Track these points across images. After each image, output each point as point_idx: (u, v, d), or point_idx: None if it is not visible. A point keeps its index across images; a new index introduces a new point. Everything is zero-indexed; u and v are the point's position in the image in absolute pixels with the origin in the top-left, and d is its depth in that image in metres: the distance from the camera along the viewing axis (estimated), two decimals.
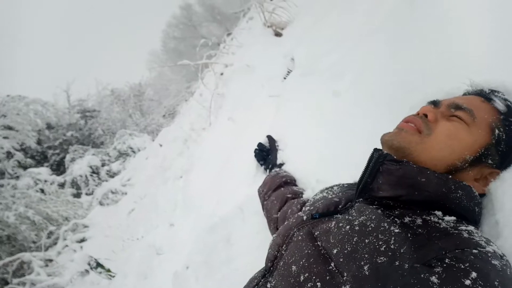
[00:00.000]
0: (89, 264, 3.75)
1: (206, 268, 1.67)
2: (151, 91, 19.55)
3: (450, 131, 0.81)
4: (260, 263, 1.01)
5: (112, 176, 9.97)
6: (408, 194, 0.77)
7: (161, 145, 7.93)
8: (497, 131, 0.80)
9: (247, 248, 1.51)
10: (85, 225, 6.56)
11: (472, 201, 0.76)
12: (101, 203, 7.65)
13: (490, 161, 0.81)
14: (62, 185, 10.10)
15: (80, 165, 10.56)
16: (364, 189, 0.85)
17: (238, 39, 4.92)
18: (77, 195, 9.81)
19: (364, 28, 1.90)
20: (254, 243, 1.48)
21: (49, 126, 14.16)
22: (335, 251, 0.73)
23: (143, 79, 19.74)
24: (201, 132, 5.08)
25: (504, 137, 0.81)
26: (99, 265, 3.66)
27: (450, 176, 0.78)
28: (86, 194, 9.88)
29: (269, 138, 1.79)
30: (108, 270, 3.58)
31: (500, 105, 0.84)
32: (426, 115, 0.85)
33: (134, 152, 11.22)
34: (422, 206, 0.77)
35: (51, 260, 5.61)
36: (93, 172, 10.54)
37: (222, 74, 4.08)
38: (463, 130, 0.80)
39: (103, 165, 10.80)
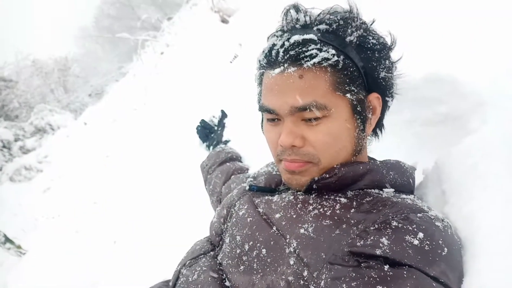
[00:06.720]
0: None
1: (137, 241, 1.61)
2: (78, 67, 18.28)
3: (324, 141, 0.72)
4: (200, 235, 0.98)
5: (25, 153, 9.21)
6: (350, 188, 0.76)
7: (85, 124, 7.50)
8: (348, 95, 0.71)
9: (184, 223, 1.49)
10: None
11: (404, 176, 0.79)
12: (11, 179, 7.00)
13: (364, 103, 0.75)
14: None
15: None
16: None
17: (182, 21, 4.80)
18: None
19: None
20: (193, 218, 1.46)
21: None
22: (277, 215, 0.73)
23: (70, 54, 18.46)
24: (132, 112, 4.88)
25: (355, 87, 0.72)
26: (8, 240, 3.31)
27: (379, 161, 0.79)
28: None
29: (222, 112, 1.77)
30: (19, 247, 3.27)
31: (315, 61, 0.68)
32: (295, 146, 0.73)
33: (53, 129, 10.48)
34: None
35: None
36: (4, 147, 9.67)
37: (162, 53, 3.95)
38: (330, 128, 0.72)
39: (16, 140, 9.94)
